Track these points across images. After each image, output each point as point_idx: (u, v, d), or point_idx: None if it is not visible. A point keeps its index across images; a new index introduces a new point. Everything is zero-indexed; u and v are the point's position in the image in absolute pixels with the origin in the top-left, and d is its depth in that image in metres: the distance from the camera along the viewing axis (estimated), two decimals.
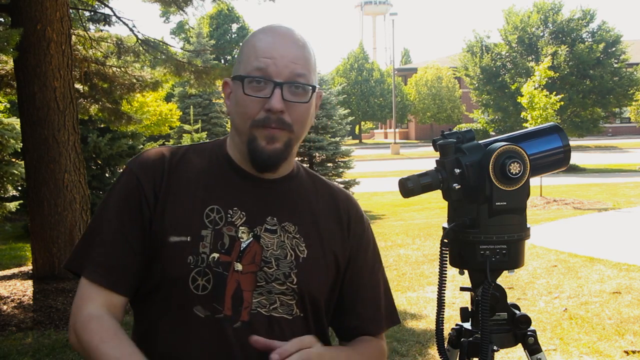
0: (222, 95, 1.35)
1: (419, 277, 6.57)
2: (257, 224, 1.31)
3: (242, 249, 1.29)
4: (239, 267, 1.28)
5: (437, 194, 1.64)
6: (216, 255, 1.26)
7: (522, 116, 14.65)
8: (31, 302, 5.85)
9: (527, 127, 6.59)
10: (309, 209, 1.40)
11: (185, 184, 1.31)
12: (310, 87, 1.31)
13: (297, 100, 1.30)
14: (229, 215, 1.29)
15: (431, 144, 1.65)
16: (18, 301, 5.92)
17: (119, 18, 7.89)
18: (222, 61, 34.78)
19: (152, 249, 1.29)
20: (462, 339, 1.68)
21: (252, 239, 1.30)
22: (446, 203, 1.66)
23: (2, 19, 6.79)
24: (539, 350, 1.69)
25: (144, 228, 1.29)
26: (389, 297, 1.52)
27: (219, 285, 1.26)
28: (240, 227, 1.29)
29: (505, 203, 1.57)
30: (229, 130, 1.96)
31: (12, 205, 9.13)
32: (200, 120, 16.13)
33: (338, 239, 1.42)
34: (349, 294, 1.44)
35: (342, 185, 13.54)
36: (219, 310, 1.26)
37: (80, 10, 8.08)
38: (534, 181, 8.16)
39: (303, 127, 1.34)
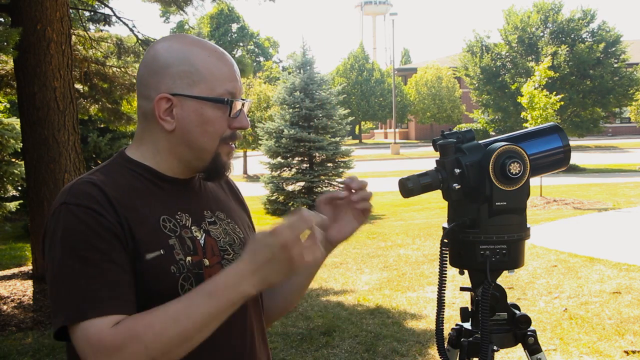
0: (156, 111, 1.31)
1: (419, 277, 6.57)
2: (201, 221, 1.39)
3: (202, 246, 1.35)
4: (206, 262, 1.34)
5: (437, 194, 1.64)
6: (190, 258, 1.32)
7: (522, 116, 14.64)
8: (31, 302, 5.85)
9: (527, 127, 6.59)
10: (219, 193, 1.50)
11: (131, 205, 1.31)
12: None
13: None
14: (178, 220, 1.35)
15: (431, 144, 1.65)
16: (18, 301, 5.92)
17: (119, 18, 7.91)
18: None
19: (135, 267, 1.27)
20: (462, 339, 1.69)
21: (204, 234, 1.37)
22: (446, 203, 1.66)
23: (2, 19, 6.79)
24: (539, 350, 1.69)
25: (124, 247, 1.25)
26: None
27: (200, 284, 1.31)
28: (192, 227, 1.36)
29: (505, 203, 1.57)
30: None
31: (12, 205, 9.12)
32: None
33: (243, 210, 1.56)
34: None
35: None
36: None
37: (80, 10, 8.09)
38: (534, 181, 8.16)
39: None
